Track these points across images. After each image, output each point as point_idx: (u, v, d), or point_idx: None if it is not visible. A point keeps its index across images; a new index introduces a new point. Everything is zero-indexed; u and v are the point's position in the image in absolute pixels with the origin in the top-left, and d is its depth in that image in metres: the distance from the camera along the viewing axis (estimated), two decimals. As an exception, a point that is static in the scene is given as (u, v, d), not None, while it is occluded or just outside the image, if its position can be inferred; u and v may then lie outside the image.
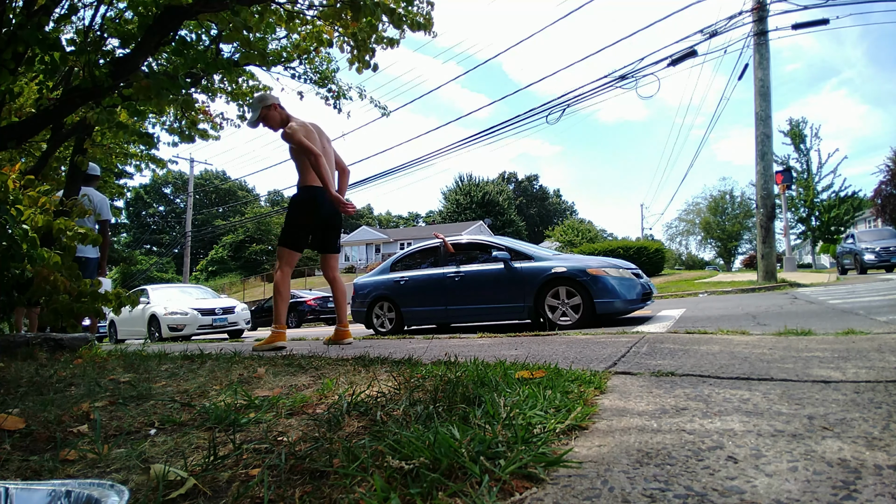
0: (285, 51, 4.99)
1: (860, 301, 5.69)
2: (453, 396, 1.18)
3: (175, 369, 2.16)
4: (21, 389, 1.68)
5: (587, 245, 22.16)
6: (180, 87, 2.84)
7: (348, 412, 1.15)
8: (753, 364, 1.63)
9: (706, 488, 0.68)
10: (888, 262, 13.66)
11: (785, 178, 15.68)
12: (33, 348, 2.89)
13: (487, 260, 6.04)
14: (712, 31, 10.24)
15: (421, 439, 0.86)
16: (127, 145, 5.33)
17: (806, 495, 0.65)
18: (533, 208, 70.20)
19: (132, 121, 3.69)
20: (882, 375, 1.35)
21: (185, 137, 4.97)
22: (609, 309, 5.07)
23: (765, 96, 10.47)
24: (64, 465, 0.93)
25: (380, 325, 6.76)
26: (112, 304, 3.32)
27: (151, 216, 56.51)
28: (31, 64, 2.57)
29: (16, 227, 2.57)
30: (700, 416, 1.04)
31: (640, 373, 1.58)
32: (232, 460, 0.89)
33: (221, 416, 1.18)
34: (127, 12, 3.63)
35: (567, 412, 1.05)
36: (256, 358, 2.58)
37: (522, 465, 0.76)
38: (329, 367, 2.05)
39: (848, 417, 0.98)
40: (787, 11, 10.76)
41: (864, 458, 0.76)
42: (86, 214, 3.79)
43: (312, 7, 3.80)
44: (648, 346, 2.18)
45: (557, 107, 11.97)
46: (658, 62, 10.57)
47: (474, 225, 44.69)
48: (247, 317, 11.19)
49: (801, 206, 27.75)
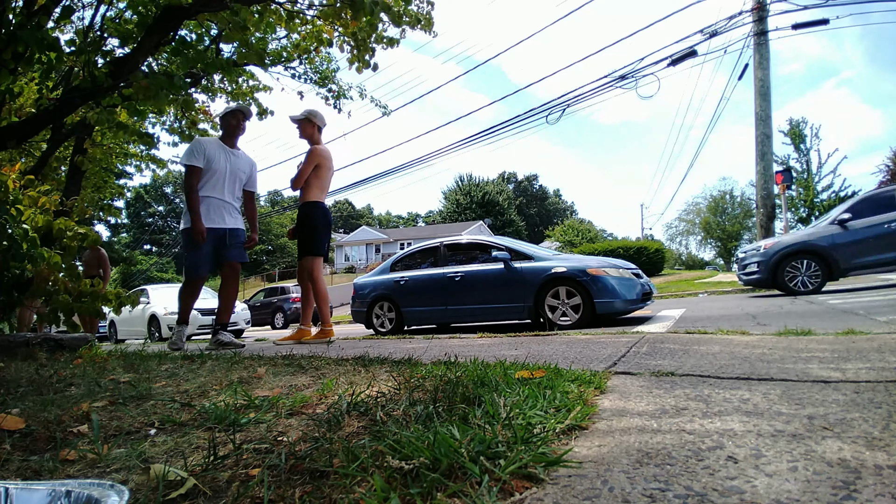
0: (285, 50, 4.99)
1: (860, 301, 5.69)
2: (453, 396, 1.18)
3: (175, 369, 2.16)
4: (21, 389, 1.68)
5: (587, 245, 22.17)
6: (180, 87, 2.83)
7: (348, 412, 1.15)
8: (753, 364, 1.63)
9: (706, 488, 0.68)
10: (888, 262, 13.64)
11: (785, 178, 15.67)
12: (33, 348, 2.89)
13: (487, 260, 6.04)
14: (712, 31, 10.24)
15: (421, 439, 0.86)
16: (127, 145, 5.33)
17: (806, 495, 0.65)
18: (533, 208, 70.20)
19: (132, 121, 3.70)
20: (882, 375, 1.35)
21: (185, 137, 4.97)
22: (609, 309, 5.07)
23: (765, 96, 10.47)
24: (64, 465, 0.93)
25: (380, 325, 6.76)
26: (112, 303, 3.32)
27: (151, 216, 56.51)
28: (30, 63, 2.57)
29: (16, 227, 2.57)
30: (700, 416, 1.04)
31: (640, 373, 1.58)
32: (232, 460, 0.89)
33: (221, 416, 1.18)
34: (127, 12, 3.63)
35: (567, 412, 1.05)
36: (256, 358, 2.58)
37: (522, 465, 0.76)
38: (329, 367, 2.05)
39: (848, 417, 0.98)
40: (787, 11, 10.77)
41: (864, 458, 0.76)
42: (86, 214, 3.81)
43: (312, 7, 3.80)
44: (648, 346, 2.18)
45: (557, 107, 11.99)
46: (658, 62, 10.59)
47: (474, 225, 44.68)
48: (247, 317, 11.19)
49: (801, 206, 27.73)
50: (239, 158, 4.00)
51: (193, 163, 3.72)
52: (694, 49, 10.42)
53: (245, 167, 4.03)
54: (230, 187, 3.92)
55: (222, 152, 3.89)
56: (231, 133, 3.99)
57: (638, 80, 10.64)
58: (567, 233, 34.14)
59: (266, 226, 50.70)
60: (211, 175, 3.81)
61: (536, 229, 62.85)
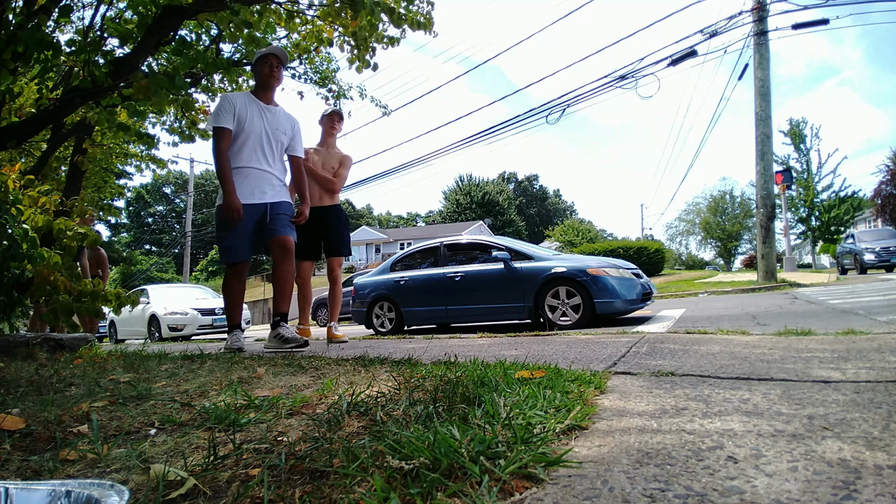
0: (285, 50, 4.99)
1: (860, 301, 5.69)
2: (453, 396, 1.18)
3: (175, 369, 2.16)
4: (21, 389, 1.68)
5: (587, 245, 22.17)
6: (180, 87, 2.83)
7: (348, 412, 1.15)
8: (753, 364, 1.63)
9: (706, 488, 0.68)
10: (888, 262, 13.67)
11: (785, 178, 15.70)
12: (33, 348, 2.89)
13: (487, 260, 6.04)
14: (712, 31, 10.24)
15: (421, 439, 0.86)
16: (127, 145, 5.34)
17: (806, 495, 0.65)
18: (533, 208, 70.19)
19: (132, 121, 3.70)
20: (882, 375, 1.35)
21: (185, 137, 4.97)
22: (609, 309, 5.07)
23: (765, 96, 10.47)
24: (64, 465, 0.93)
25: (380, 325, 6.76)
26: (112, 303, 3.32)
27: (152, 216, 56.50)
28: (28, 62, 2.57)
29: (16, 227, 2.57)
30: (700, 416, 1.04)
31: (640, 373, 1.58)
32: (232, 460, 0.89)
33: (221, 416, 1.18)
34: (127, 12, 3.63)
35: (567, 412, 1.05)
36: (256, 358, 2.58)
37: (522, 465, 0.76)
38: (329, 367, 2.05)
39: (848, 417, 0.98)
40: (787, 11, 10.77)
41: (864, 458, 0.76)
42: (86, 214, 3.80)
43: (312, 6, 3.81)
44: (648, 346, 2.18)
45: (557, 107, 11.98)
46: (658, 62, 10.58)
47: (474, 225, 44.69)
48: (247, 316, 11.20)
49: (801, 206, 27.75)
50: (277, 116, 3.30)
51: (221, 123, 3.07)
52: (694, 49, 10.42)
53: (286, 126, 3.34)
54: (270, 152, 3.25)
55: (256, 109, 3.21)
56: (265, 84, 3.29)
57: (638, 80, 10.64)
58: (567, 233, 34.12)
59: (266, 226, 50.46)
60: (244, 139, 3.14)
61: (536, 229, 62.83)
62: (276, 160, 3.30)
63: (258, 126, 3.19)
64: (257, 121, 3.19)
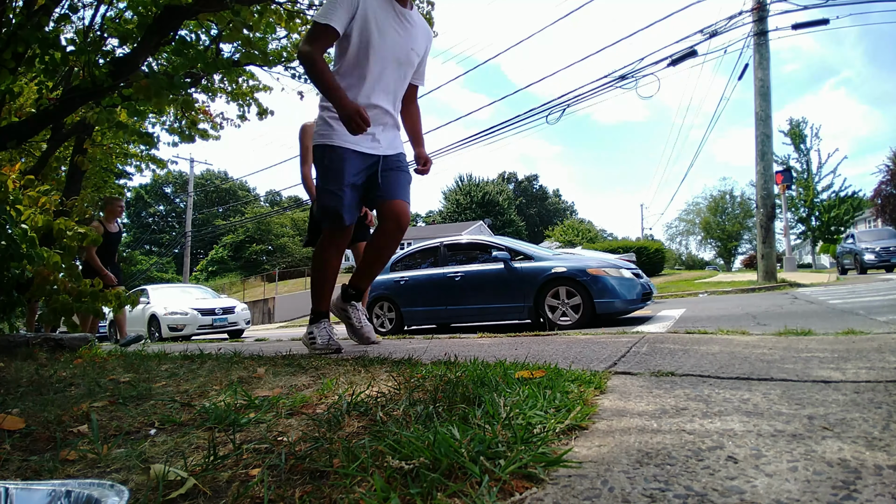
0: (285, 50, 4.98)
1: (860, 301, 5.69)
2: (453, 396, 1.18)
3: (175, 369, 2.16)
4: (21, 389, 1.68)
5: (587, 245, 22.17)
6: (180, 87, 2.84)
7: (348, 412, 1.15)
8: (753, 364, 1.63)
9: (706, 488, 0.68)
10: (888, 262, 13.67)
11: (785, 178, 15.71)
12: (33, 348, 2.89)
13: (487, 260, 6.04)
14: (712, 31, 10.24)
15: (421, 439, 0.86)
16: (127, 145, 5.34)
17: (806, 495, 0.65)
18: (533, 208, 70.15)
19: (132, 121, 3.70)
20: (882, 375, 1.35)
21: (185, 137, 4.98)
22: (609, 309, 5.08)
23: (765, 96, 10.48)
24: (64, 465, 0.93)
25: (380, 326, 6.76)
26: (112, 303, 3.32)
27: (152, 216, 56.49)
28: (31, 64, 2.58)
29: (16, 227, 2.57)
30: (700, 416, 1.04)
31: (640, 373, 1.58)
32: (232, 460, 0.89)
33: (221, 416, 1.18)
34: (127, 12, 3.63)
35: (567, 412, 1.05)
36: (256, 358, 2.58)
37: (522, 465, 0.76)
38: (329, 367, 2.04)
39: (848, 417, 0.98)
40: (787, 11, 10.76)
41: (864, 458, 0.76)
42: (86, 214, 3.80)
43: (312, 6, 3.81)
44: (648, 346, 2.18)
45: (557, 107, 11.99)
46: (658, 62, 10.59)
47: (474, 225, 44.65)
48: (247, 316, 11.18)
49: (801, 206, 27.77)
50: (415, 27, 2.29)
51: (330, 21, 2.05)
52: (694, 49, 10.42)
53: (421, 43, 2.33)
54: (397, 81, 2.30)
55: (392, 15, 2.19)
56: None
57: (638, 80, 10.65)
58: (567, 233, 34.14)
59: (266, 226, 50.61)
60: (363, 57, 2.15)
61: (536, 229, 62.82)
62: (399, 95, 2.36)
63: (390, 40, 2.18)
64: (391, 34, 2.18)
